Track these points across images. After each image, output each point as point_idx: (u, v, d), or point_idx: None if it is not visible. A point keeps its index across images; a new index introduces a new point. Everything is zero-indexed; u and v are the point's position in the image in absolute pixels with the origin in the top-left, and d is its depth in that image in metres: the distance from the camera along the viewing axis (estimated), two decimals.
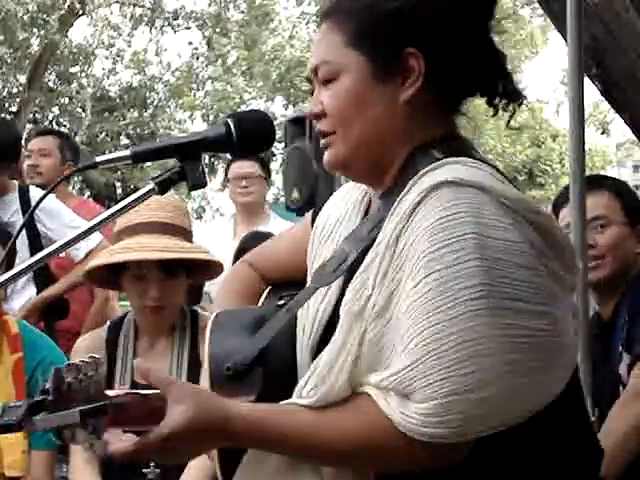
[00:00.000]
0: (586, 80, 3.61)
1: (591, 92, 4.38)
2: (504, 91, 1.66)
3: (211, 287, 4.63)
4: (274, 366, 1.63)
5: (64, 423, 1.38)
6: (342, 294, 1.57)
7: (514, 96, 1.66)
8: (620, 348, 2.88)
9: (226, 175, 5.54)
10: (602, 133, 18.22)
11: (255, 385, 1.60)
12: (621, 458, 2.69)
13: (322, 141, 1.66)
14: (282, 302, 1.75)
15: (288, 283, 1.85)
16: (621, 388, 2.86)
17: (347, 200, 1.78)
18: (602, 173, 17.08)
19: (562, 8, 3.46)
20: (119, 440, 1.47)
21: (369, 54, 1.61)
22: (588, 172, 3.51)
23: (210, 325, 1.71)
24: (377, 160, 1.64)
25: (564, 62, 3.41)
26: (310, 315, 1.66)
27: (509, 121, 1.70)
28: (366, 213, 1.72)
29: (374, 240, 1.55)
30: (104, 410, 1.41)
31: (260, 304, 1.85)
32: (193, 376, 2.73)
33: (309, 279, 1.72)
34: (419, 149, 1.61)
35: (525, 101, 1.69)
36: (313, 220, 1.84)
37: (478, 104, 1.72)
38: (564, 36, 3.55)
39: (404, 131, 1.62)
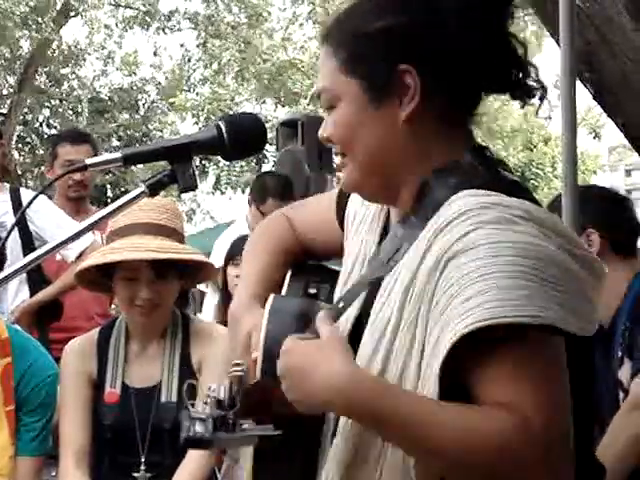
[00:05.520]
0: (578, 84, 3.61)
1: (583, 96, 4.38)
2: (520, 85, 1.60)
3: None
4: None
5: (243, 445, 1.42)
6: (361, 313, 1.61)
7: (533, 90, 1.60)
8: (620, 353, 2.87)
9: (257, 204, 5.20)
10: (594, 137, 18.22)
11: None
12: (623, 466, 2.68)
13: (338, 162, 1.68)
14: (314, 291, 1.77)
15: (308, 269, 1.85)
16: (621, 393, 2.85)
17: (367, 205, 1.76)
18: (593, 182, 17.12)
19: (555, 12, 3.47)
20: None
21: (362, 79, 1.59)
22: (580, 176, 3.52)
23: (267, 311, 1.68)
24: (389, 183, 1.62)
25: (557, 66, 3.41)
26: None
27: (537, 112, 1.64)
28: (385, 230, 1.70)
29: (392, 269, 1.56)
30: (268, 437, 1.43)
31: (284, 291, 1.83)
32: (184, 380, 2.71)
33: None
34: (436, 173, 1.58)
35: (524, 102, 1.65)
36: (339, 202, 1.84)
37: None
38: (557, 40, 3.55)
39: (412, 151, 1.59)
